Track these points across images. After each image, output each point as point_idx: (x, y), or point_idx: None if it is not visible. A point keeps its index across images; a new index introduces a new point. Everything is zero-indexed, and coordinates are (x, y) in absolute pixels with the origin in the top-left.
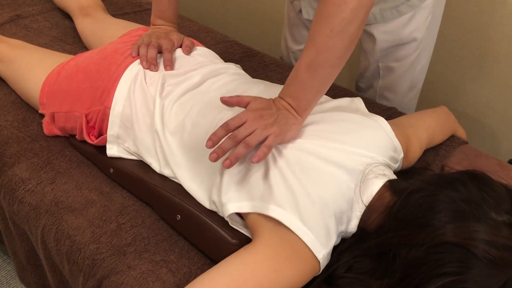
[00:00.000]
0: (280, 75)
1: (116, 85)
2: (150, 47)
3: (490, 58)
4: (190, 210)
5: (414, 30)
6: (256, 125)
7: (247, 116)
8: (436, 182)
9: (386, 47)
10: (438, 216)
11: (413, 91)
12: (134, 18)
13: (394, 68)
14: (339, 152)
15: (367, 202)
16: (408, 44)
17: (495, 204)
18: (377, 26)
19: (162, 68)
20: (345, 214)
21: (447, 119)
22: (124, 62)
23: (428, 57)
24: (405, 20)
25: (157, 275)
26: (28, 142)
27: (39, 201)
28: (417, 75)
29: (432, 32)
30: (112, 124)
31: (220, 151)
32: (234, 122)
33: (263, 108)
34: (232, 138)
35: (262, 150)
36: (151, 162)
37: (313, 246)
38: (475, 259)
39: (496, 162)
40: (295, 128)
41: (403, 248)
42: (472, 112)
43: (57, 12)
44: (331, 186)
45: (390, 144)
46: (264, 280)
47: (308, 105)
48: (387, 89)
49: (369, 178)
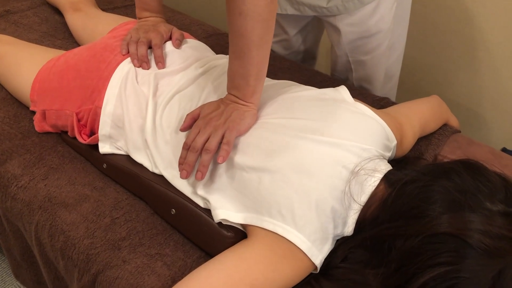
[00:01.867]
0: (272, 67)
1: (107, 84)
2: (139, 44)
3: (482, 47)
4: (185, 204)
5: (378, 21)
6: (209, 130)
7: (198, 125)
8: (431, 172)
9: (353, 39)
10: (433, 206)
11: (390, 82)
12: (125, 12)
13: (365, 62)
14: (331, 149)
15: (362, 203)
16: (375, 35)
17: (489, 194)
18: (342, 19)
19: (154, 66)
20: (339, 216)
21: (439, 108)
22: (114, 60)
23: (401, 47)
24: (369, 11)
25: (152, 269)
26: (20, 139)
27: (32, 197)
28: (392, 66)
29: (400, 22)
30: (104, 124)
31: (187, 166)
32: (189, 138)
33: (212, 111)
34: (192, 150)
35: (223, 149)
36: (143, 161)
37: (310, 253)
38: (469, 249)
39: (489, 150)
40: (249, 115)
41: (398, 239)
42: (465, 101)
43: (46, 7)
44: (325, 189)
45: (382, 133)
46: (261, 277)
47: (253, 91)
48: (363, 81)
49: (361, 177)
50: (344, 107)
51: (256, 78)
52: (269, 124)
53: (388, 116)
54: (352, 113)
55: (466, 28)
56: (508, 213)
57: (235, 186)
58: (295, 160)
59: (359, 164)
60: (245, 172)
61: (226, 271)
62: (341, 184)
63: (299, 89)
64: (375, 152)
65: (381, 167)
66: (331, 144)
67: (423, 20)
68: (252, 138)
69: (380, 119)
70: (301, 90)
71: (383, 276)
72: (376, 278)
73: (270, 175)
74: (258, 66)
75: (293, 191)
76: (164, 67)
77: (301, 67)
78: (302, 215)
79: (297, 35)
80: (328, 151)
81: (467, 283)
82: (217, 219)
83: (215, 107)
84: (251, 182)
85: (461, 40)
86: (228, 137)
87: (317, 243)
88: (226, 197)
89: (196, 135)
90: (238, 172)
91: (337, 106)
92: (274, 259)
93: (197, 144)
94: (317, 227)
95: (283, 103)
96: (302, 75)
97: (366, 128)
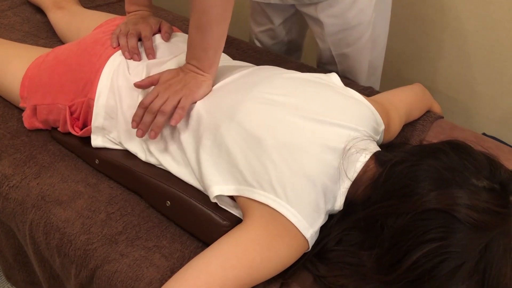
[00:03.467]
0: (259, 60)
1: (99, 76)
2: (129, 36)
3: (459, 36)
4: (179, 195)
5: (358, 13)
6: (167, 94)
7: (157, 89)
8: (419, 152)
9: (335, 31)
10: (422, 184)
11: (374, 75)
12: (107, 9)
13: (348, 54)
14: (323, 126)
15: (352, 179)
16: (355, 27)
17: (475, 171)
18: (322, 10)
19: (145, 57)
20: (330, 192)
21: (423, 95)
22: (105, 52)
23: (383, 40)
24: (349, 3)
25: (150, 261)
26: (9, 139)
27: (25, 196)
28: (376, 59)
29: (382, 15)
30: (97, 116)
31: (143, 126)
32: (148, 99)
33: (171, 77)
34: (149, 111)
35: (177, 113)
36: (137, 151)
37: (301, 226)
38: (458, 224)
39: (471, 134)
40: (206, 84)
41: (390, 218)
42: (444, 89)
43: (27, 6)
44: (316, 165)
45: (371, 116)
46: (258, 257)
47: (212, 62)
48: (348, 73)
49: (352, 154)
50: (335, 90)
51: (215, 51)
52: (268, 100)
53: (375, 102)
54: (342, 96)
55: (444, 17)
56: (493, 188)
57: (227, 159)
58: (288, 136)
59: (351, 142)
60: (237, 146)
61: (223, 256)
62: (332, 159)
63: (291, 72)
64: (365, 133)
65: (371, 147)
66: (323, 122)
67: (402, 11)
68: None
69: (369, 103)
70: (293, 73)
71: (377, 256)
72: (370, 259)
73: (263, 150)
74: (217, 40)
75: (285, 166)
76: (154, 58)
77: (286, 59)
78: (293, 189)
79: (281, 25)
80: (320, 129)
81: (457, 257)
82: (212, 196)
83: (175, 74)
84: (243, 156)
85: (440, 29)
86: (183, 102)
87: (308, 217)
88: (219, 171)
89: (155, 97)
90: (230, 144)
91: (329, 88)
92: (269, 239)
93: (155, 105)
94: (308, 202)
95: (278, 83)
96: (288, 68)
97: (356, 109)
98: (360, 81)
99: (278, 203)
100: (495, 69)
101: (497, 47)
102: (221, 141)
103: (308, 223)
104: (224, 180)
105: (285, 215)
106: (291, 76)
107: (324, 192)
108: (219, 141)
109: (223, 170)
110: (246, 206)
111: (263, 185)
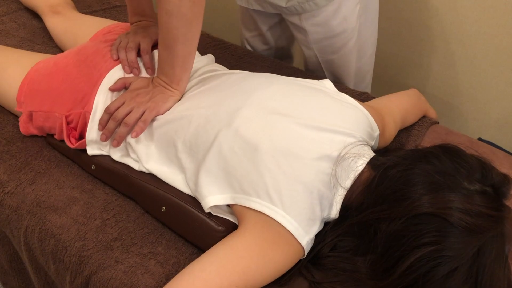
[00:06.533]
0: (255, 66)
1: (97, 89)
2: (128, 50)
3: (455, 41)
4: (175, 201)
5: (342, 21)
6: (132, 104)
7: (125, 97)
8: (411, 157)
9: (319, 39)
10: (415, 188)
11: (364, 81)
12: (103, 15)
13: (334, 60)
14: (319, 133)
15: (347, 187)
16: (339, 35)
17: (467, 174)
18: (306, 19)
19: (144, 71)
20: (326, 199)
21: (418, 101)
22: (105, 65)
23: (371, 47)
24: (331, 12)
25: (145, 268)
26: (4, 145)
27: (20, 203)
28: (364, 66)
29: (368, 23)
30: (91, 130)
31: (107, 131)
32: (113, 105)
33: (141, 87)
34: (113, 119)
35: (138, 125)
36: (130, 163)
37: (297, 233)
38: (451, 227)
39: (466, 139)
40: (172, 100)
41: (383, 223)
42: (440, 93)
43: (23, 12)
44: (312, 172)
45: (366, 121)
46: (253, 264)
47: (180, 78)
48: (335, 79)
49: (347, 161)
50: (329, 95)
51: (182, 69)
52: (265, 107)
53: (370, 108)
54: (337, 101)
55: (439, 22)
56: (485, 191)
57: (223, 166)
58: (284, 143)
59: (345, 149)
60: (233, 153)
61: (218, 263)
62: (327, 167)
63: (286, 78)
64: (360, 138)
65: (366, 152)
66: (318, 128)
67: (397, 16)
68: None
69: (364, 108)
70: (287, 79)
71: (371, 262)
72: (365, 264)
73: (259, 157)
74: (183, 59)
75: (281, 173)
76: (153, 73)
77: (282, 65)
78: (289, 196)
79: (269, 31)
80: (316, 135)
81: (451, 261)
82: (207, 207)
83: (146, 84)
84: (239, 163)
85: (435, 34)
86: (146, 115)
87: (303, 224)
88: (214, 180)
89: (121, 104)
90: (227, 152)
91: (323, 93)
92: (265, 246)
93: (118, 114)
94: (304, 209)
95: (273, 89)
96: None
97: (351, 115)
98: (352, 87)
99: (274, 211)
100: (490, 74)
101: (492, 52)
102: (219, 149)
103: (304, 230)
104: (219, 189)
105: (281, 222)
106: (286, 82)
107: (320, 199)
108: (217, 149)
109: (219, 179)
110: (241, 214)
111: (259, 192)
